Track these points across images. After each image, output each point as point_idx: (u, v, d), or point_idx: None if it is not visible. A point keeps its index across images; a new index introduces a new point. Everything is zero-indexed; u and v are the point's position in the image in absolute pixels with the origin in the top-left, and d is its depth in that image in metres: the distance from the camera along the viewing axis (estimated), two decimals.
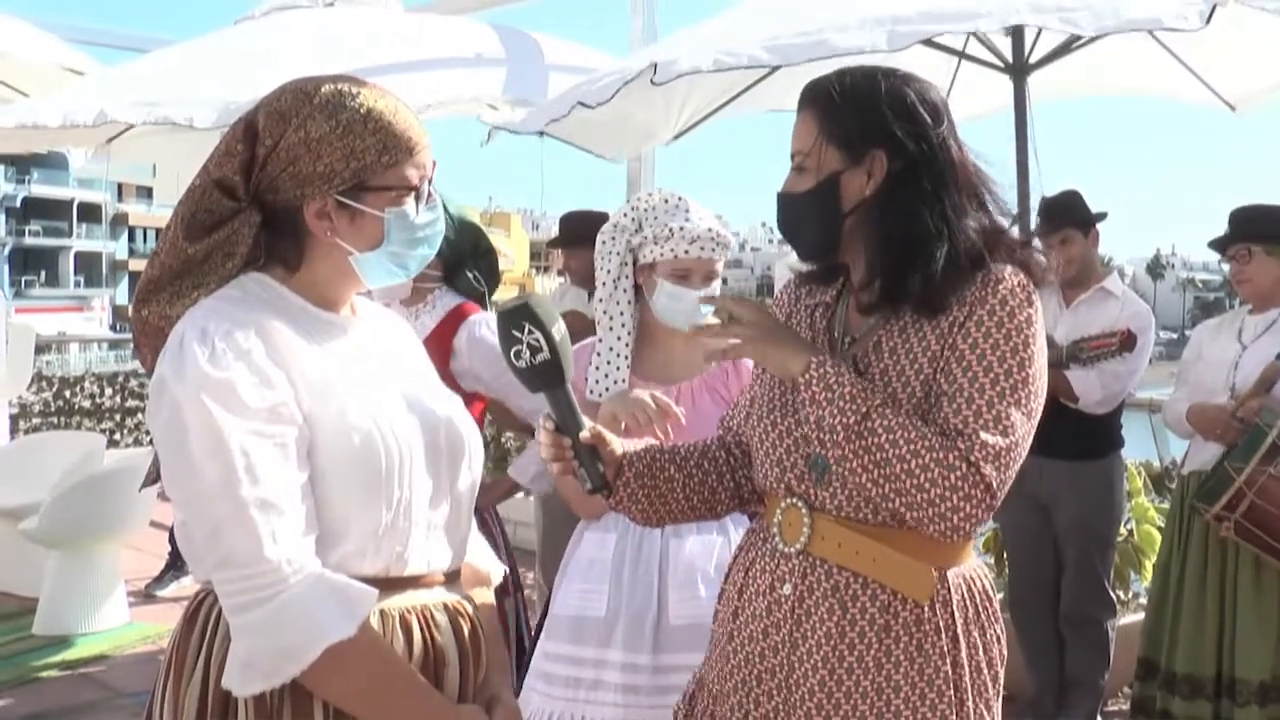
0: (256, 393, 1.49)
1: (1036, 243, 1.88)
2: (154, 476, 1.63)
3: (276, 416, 1.51)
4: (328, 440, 1.55)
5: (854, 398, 1.70)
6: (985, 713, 1.81)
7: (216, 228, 1.60)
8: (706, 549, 2.68)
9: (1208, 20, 3.21)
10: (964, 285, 1.74)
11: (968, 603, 1.81)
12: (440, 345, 3.18)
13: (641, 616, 2.66)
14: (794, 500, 1.84)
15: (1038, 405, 1.73)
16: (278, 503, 1.48)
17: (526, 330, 1.76)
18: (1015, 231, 1.86)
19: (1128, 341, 3.79)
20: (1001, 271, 1.75)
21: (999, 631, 1.87)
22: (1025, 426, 1.70)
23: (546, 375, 1.79)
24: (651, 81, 3.94)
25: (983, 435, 1.67)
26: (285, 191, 1.59)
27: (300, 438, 1.53)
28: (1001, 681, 1.87)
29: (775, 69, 4.99)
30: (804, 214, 1.85)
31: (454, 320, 3.24)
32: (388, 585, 1.60)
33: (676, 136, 5.68)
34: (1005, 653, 1.88)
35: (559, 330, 1.78)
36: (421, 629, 1.63)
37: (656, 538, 2.72)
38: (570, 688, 2.68)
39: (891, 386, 1.76)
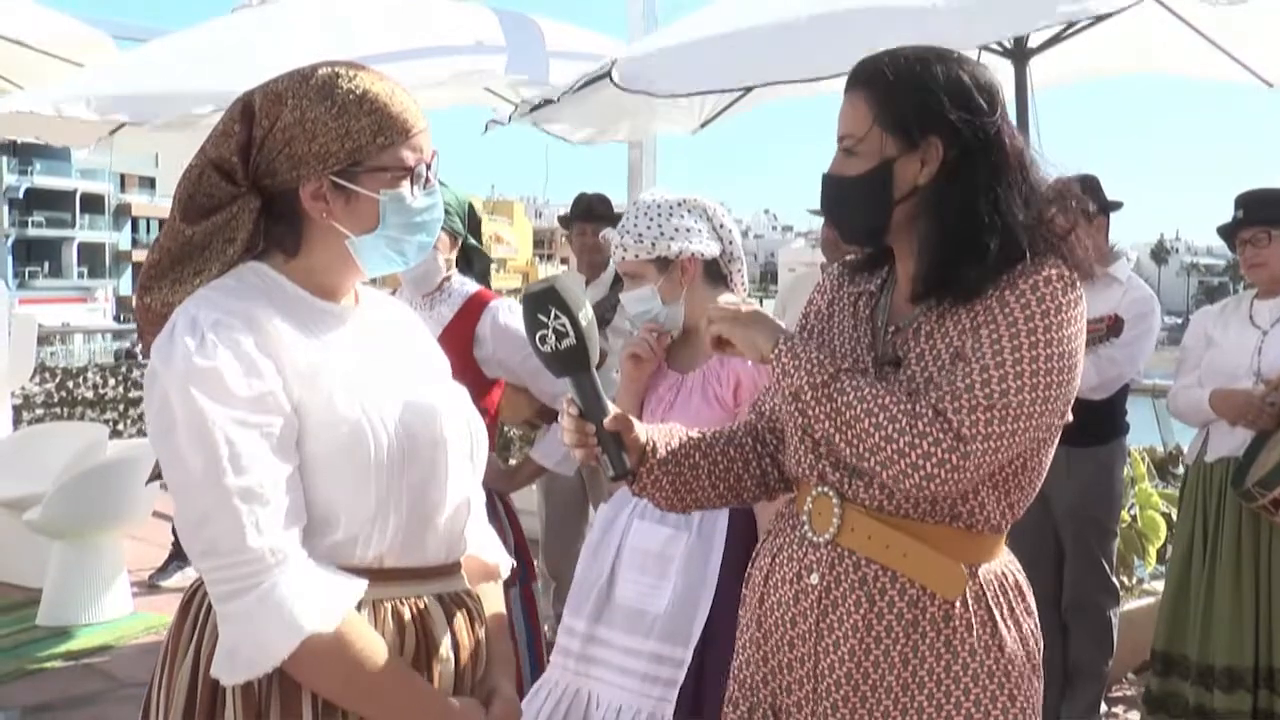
0: (243, 381, 1.49)
1: (1080, 231, 1.83)
2: (158, 472, 1.63)
3: (263, 405, 1.50)
4: (316, 429, 1.54)
5: (822, 362, 1.72)
6: (1013, 708, 1.77)
7: (215, 211, 1.60)
8: (654, 537, 2.71)
9: None
10: (1005, 273, 1.72)
11: (1000, 599, 1.79)
12: (461, 333, 3.16)
13: (591, 585, 2.75)
14: (825, 489, 1.82)
15: (1052, 383, 1.67)
16: (262, 492, 1.48)
17: (552, 315, 1.74)
18: (1061, 219, 1.80)
19: (1114, 327, 3.77)
20: (1042, 263, 1.72)
21: (1034, 626, 1.84)
22: (1024, 395, 1.65)
23: (572, 361, 1.78)
24: (613, 82, 4.13)
25: (962, 389, 1.65)
26: (282, 174, 1.59)
27: (288, 427, 1.52)
28: (1041, 675, 1.85)
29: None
30: (853, 198, 1.81)
31: (474, 308, 3.23)
32: (380, 576, 1.59)
33: (703, 125, 5.71)
34: (1041, 646, 1.85)
35: (585, 315, 1.76)
36: (414, 621, 1.62)
37: (626, 514, 2.77)
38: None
39: (928, 371, 1.73)
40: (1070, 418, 1.77)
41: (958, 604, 1.74)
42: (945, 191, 1.75)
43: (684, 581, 2.64)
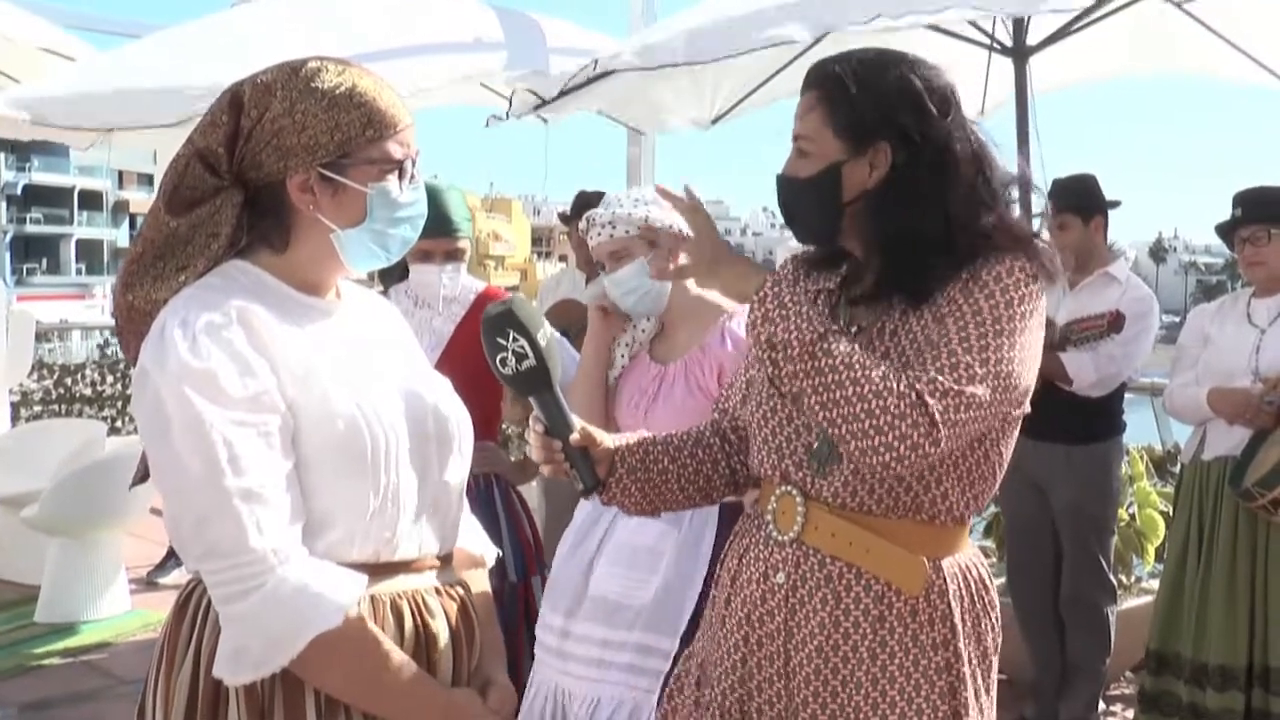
0: (238, 381, 1.49)
1: (1044, 234, 1.84)
2: (142, 474, 1.62)
3: (259, 405, 1.50)
4: (311, 427, 1.55)
5: (811, 317, 1.70)
6: (975, 702, 1.80)
7: (198, 204, 1.60)
8: (646, 532, 2.69)
9: None
10: (965, 269, 1.72)
11: (963, 592, 1.80)
12: (478, 326, 3.15)
13: (571, 581, 2.74)
14: (789, 488, 1.83)
15: (1013, 373, 1.67)
16: (262, 492, 1.48)
17: (511, 337, 1.77)
18: (1030, 222, 1.83)
19: (1115, 322, 3.77)
20: (1003, 256, 1.73)
21: (994, 620, 1.86)
22: (988, 384, 1.65)
23: (533, 381, 1.80)
24: (589, 78, 4.27)
25: (934, 373, 1.64)
26: (268, 166, 1.59)
27: (284, 425, 1.53)
28: (996, 669, 1.87)
29: (799, 55, 5.00)
30: (804, 200, 1.82)
31: (488, 301, 3.23)
32: (378, 571, 1.60)
33: (714, 121, 5.82)
34: (999, 641, 1.88)
35: (544, 335, 1.79)
36: (413, 614, 1.63)
37: (611, 512, 2.75)
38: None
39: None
40: (1029, 409, 1.78)
41: (922, 599, 1.75)
42: (891, 196, 1.75)
43: (673, 574, 2.64)
